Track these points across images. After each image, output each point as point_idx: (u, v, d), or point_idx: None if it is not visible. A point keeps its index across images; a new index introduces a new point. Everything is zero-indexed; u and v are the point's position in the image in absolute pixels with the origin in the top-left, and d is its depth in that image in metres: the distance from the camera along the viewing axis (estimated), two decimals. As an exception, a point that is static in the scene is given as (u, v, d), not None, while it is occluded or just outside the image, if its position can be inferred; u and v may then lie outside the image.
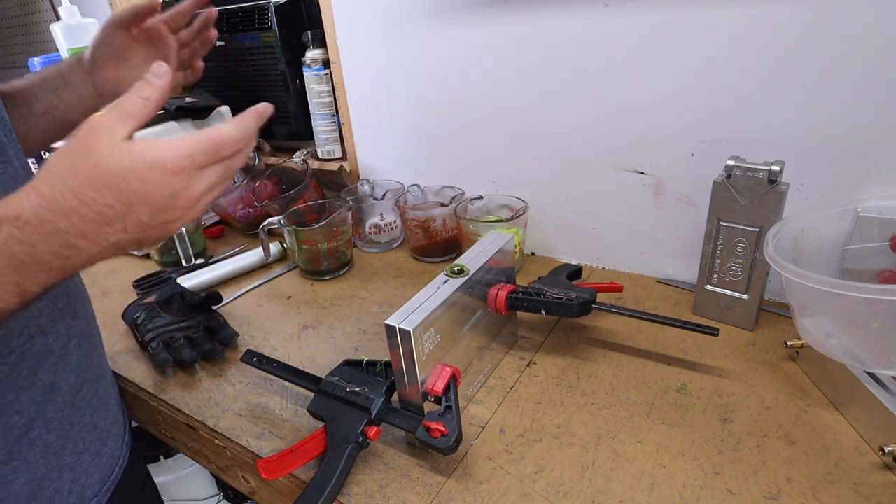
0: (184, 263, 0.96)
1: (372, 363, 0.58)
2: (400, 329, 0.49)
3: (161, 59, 0.61)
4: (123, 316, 0.79)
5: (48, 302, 0.46)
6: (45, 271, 0.34)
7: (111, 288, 0.93)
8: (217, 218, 1.12)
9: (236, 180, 1.15)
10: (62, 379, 0.49)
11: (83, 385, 0.52)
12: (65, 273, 0.35)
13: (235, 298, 0.87)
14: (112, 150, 0.34)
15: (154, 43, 0.63)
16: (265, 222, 0.87)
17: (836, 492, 0.47)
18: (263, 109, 0.41)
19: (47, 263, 0.34)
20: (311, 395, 0.57)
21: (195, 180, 0.37)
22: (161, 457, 1.19)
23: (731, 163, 0.61)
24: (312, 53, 1.00)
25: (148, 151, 0.34)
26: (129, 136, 0.35)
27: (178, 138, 0.36)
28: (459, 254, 0.72)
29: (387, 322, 0.50)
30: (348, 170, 1.07)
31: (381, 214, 0.97)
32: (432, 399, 0.53)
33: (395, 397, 0.55)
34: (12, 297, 0.34)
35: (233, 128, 0.38)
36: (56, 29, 1.00)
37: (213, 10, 0.65)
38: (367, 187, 0.99)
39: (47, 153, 0.93)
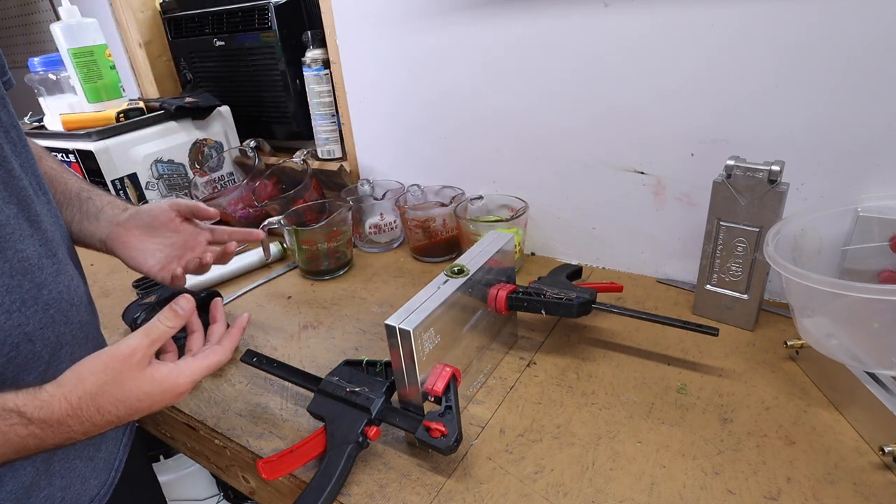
0: (184, 263, 0.96)
1: (372, 363, 0.58)
2: (400, 329, 0.49)
3: (186, 251, 0.67)
4: (123, 316, 0.79)
5: (38, 309, 0.45)
6: (35, 454, 0.40)
7: (111, 288, 0.93)
8: (217, 218, 1.12)
9: (237, 180, 1.15)
10: None
11: None
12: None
13: (235, 298, 0.87)
14: (138, 380, 0.42)
15: (186, 238, 0.67)
16: (265, 222, 0.87)
17: (836, 492, 0.47)
18: (244, 322, 0.54)
19: (43, 450, 0.40)
20: (311, 395, 0.57)
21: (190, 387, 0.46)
22: (161, 457, 1.19)
23: (731, 163, 0.61)
24: (312, 53, 1.00)
25: (166, 379, 0.44)
26: (151, 360, 0.44)
27: (187, 365, 0.46)
28: (459, 254, 0.72)
29: (387, 322, 0.50)
30: (348, 170, 1.07)
31: (381, 214, 0.97)
32: (432, 399, 0.53)
33: (395, 397, 0.55)
34: None
35: (226, 352, 0.49)
36: (56, 29, 1.00)
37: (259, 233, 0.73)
38: (367, 187, 0.99)
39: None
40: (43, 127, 1.11)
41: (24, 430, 0.38)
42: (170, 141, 1.05)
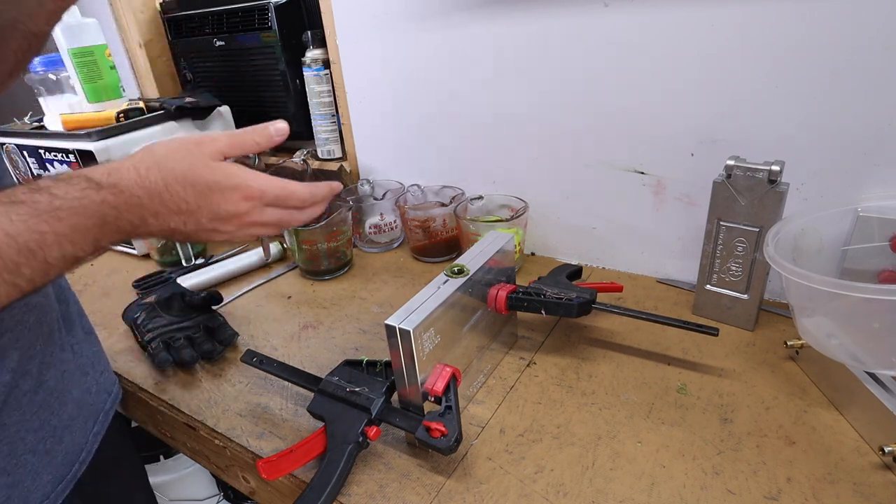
0: (184, 263, 0.96)
1: (372, 363, 0.58)
2: (400, 329, 0.49)
3: None
4: (123, 316, 0.79)
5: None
6: (119, 233, 0.40)
7: (111, 288, 0.93)
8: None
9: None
10: None
11: (21, 381, 0.48)
12: (131, 237, 0.42)
13: (235, 298, 0.87)
14: (209, 165, 0.42)
15: None
16: (265, 222, 0.87)
17: (836, 492, 0.47)
18: (336, 187, 0.50)
19: (122, 229, 0.40)
20: (311, 395, 0.57)
21: (257, 211, 0.44)
22: (161, 457, 1.19)
23: (731, 163, 0.61)
24: (312, 53, 1.00)
25: (236, 175, 0.43)
26: (226, 159, 0.43)
27: (262, 175, 0.44)
28: (459, 254, 0.72)
29: (387, 322, 0.50)
30: (348, 170, 1.07)
31: (381, 214, 0.97)
32: (432, 399, 0.53)
33: (395, 397, 0.55)
34: (90, 248, 0.39)
35: (306, 189, 0.47)
36: (56, 29, 1.00)
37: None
38: (367, 187, 0.99)
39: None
40: (43, 127, 1.10)
41: (96, 195, 0.38)
42: (170, 141, 1.05)
